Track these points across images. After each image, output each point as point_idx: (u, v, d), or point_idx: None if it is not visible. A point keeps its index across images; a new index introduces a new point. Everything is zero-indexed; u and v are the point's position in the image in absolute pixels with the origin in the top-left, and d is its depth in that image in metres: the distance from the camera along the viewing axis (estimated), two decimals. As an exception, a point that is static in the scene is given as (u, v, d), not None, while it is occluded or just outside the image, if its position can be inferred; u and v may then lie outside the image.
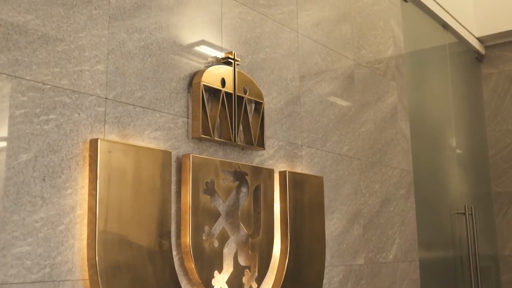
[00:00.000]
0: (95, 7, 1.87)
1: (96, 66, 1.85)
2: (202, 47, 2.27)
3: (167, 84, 2.09)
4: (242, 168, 2.26)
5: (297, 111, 2.76)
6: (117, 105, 1.89)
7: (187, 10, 2.23)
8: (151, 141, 1.99)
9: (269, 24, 2.67)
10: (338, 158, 3.02)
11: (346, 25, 3.29)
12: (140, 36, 2.02)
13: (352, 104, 3.23)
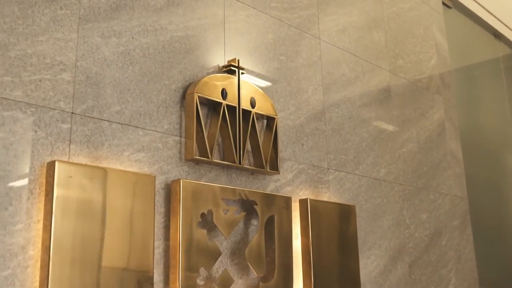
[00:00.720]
0: (61, 7, 1.60)
1: (61, 75, 1.56)
2: (199, 54, 1.97)
3: (153, 97, 1.78)
4: (250, 196, 1.91)
5: (322, 129, 2.41)
6: (87, 121, 1.60)
7: (181, 11, 1.94)
8: (131, 164, 1.67)
9: (284, 29, 2.35)
10: (374, 183, 2.63)
11: (379, 32, 2.94)
12: (119, 41, 1.73)
13: (390, 120, 2.85)
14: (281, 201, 2.03)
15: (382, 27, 2.99)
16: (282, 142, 2.21)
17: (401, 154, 2.87)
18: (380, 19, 2.99)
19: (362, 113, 2.67)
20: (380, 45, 2.93)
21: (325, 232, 2.19)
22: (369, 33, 2.87)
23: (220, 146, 1.94)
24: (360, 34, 2.81)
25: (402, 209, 2.78)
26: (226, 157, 1.93)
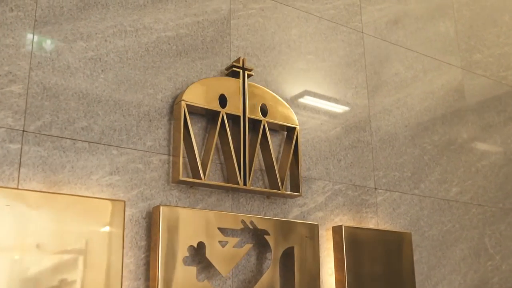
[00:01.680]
0: (11, 8, 1.46)
1: (9, 87, 1.41)
2: (196, 57, 1.77)
3: (133, 109, 1.59)
4: (259, 224, 1.65)
5: (366, 140, 2.10)
6: (43, 140, 1.43)
7: (171, 7, 1.75)
8: (102, 190, 1.48)
9: (313, 23, 2.09)
10: (441, 205, 2.27)
11: (447, 21, 2.58)
12: (87, 45, 1.56)
13: (464, 127, 2.47)
14: (304, 230, 1.75)
15: (451, 15, 2.63)
16: (311, 158, 1.93)
17: (480, 168, 2.48)
18: (448, 6, 2.63)
19: (423, 120, 2.32)
20: (448, 37, 2.57)
21: (368, 267, 1.87)
22: (432, 23, 2.53)
23: (222, 164, 1.70)
24: (420, 25, 2.47)
25: (483, 236, 2.38)
26: (229, 178, 1.68)
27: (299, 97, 1.97)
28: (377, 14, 2.33)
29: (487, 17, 2.81)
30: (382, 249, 1.93)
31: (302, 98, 1.97)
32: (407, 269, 1.98)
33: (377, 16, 2.33)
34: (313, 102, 2.00)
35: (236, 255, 1.61)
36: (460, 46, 2.61)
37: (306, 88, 2.00)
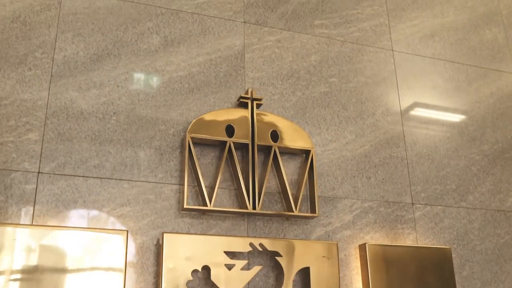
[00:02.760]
0: (29, 68, 1.55)
1: (26, 136, 1.49)
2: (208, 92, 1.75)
3: (144, 145, 1.59)
4: (270, 246, 1.56)
5: (400, 156, 1.91)
6: (57, 179, 1.47)
7: (183, 49, 1.76)
8: (113, 221, 1.49)
9: (335, 47, 1.98)
10: (496, 216, 1.99)
11: (493, 28, 2.32)
12: (100, 92, 1.60)
13: (520, 134, 2.17)
14: (321, 249, 1.61)
15: (499, 22, 2.36)
16: (335, 178, 1.80)
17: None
18: (494, 13, 2.36)
19: (469, 130, 2.08)
20: (496, 44, 2.30)
21: (399, 286, 1.67)
22: (476, 32, 2.28)
23: (232, 190, 1.64)
24: (460, 36, 2.24)
25: None
26: (240, 203, 1.61)
27: (320, 120, 1.84)
28: (408, 31, 2.15)
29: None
30: (415, 267, 1.72)
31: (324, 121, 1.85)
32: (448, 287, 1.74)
33: (408, 32, 2.15)
34: (336, 124, 1.87)
35: (244, 277, 1.52)
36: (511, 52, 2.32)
37: (330, 111, 1.88)
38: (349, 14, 2.07)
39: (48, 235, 1.37)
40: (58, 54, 1.60)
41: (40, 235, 1.36)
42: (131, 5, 1.74)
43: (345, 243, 1.74)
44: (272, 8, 1.95)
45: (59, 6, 1.65)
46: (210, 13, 1.84)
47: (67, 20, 1.64)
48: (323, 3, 2.04)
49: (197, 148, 1.64)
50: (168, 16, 1.78)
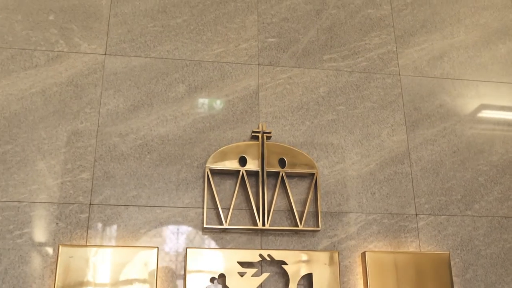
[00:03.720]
0: (81, 121, 2.03)
1: (80, 175, 1.96)
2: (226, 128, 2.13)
3: (173, 177, 2.02)
4: (277, 256, 1.92)
5: (404, 172, 2.19)
6: (104, 209, 1.93)
7: (204, 94, 2.16)
8: (149, 240, 1.92)
9: (343, 78, 2.29)
10: (503, 223, 2.20)
11: (507, 42, 2.50)
12: (136, 136, 2.05)
13: (533, 143, 2.35)
14: (322, 258, 1.94)
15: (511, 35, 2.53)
16: (342, 195, 2.11)
17: None
18: (509, 26, 2.54)
19: (477, 143, 2.29)
20: (509, 57, 2.48)
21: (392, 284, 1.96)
22: (487, 48, 2.48)
23: (246, 211, 2.01)
24: (471, 54, 2.46)
25: None
26: (252, 222, 1.98)
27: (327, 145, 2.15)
28: (416, 55, 2.40)
29: None
30: (414, 272, 1.99)
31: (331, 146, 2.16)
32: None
33: (416, 56, 2.40)
34: (342, 147, 2.18)
35: (254, 282, 1.88)
36: (528, 62, 2.49)
37: (337, 136, 2.19)
38: (357, 45, 2.36)
39: (99, 253, 1.82)
40: (103, 108, 2.05)
41: (93, 253, 1.81)
42: (161, 61, 2.17)
43: (349, 252, 2.04)
44: (283, 49, 2.29)
45: (102, 68, 2.11)
46: (228, 60, 2.22)
47: (109, 79, 2.10)
48: (332, 39, 2.35)
49: (216, 177, 2.02)
50: (192, 66, 2.18)
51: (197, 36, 2.23)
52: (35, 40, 2.13)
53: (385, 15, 2.44)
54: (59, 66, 2.10)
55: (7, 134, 1.97)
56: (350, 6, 2.43)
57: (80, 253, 1.81)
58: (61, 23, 2.16)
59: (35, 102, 2.03)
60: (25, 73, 2.07)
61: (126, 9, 2.23)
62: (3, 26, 2.12)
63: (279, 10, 2.35)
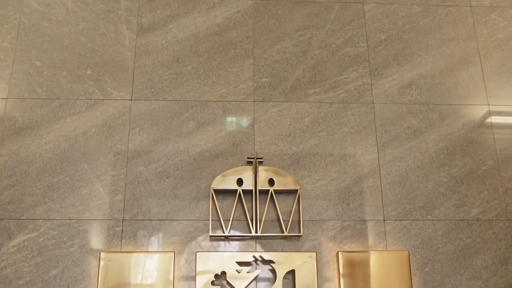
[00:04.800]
0: (114, 154, 2.68)
1: (115, 197, 2.62)
2: (228, 155, 2.71)
3: (186, 196, 2.64)
4: (267, 257, 2.52)
5: (375, 185, 2.74)
6: (134, 223, 2.58)
7: (210, 129, 2.76)
8: (168, 246, 2.56)
9: (324, 108, 2.85)
10: (459, 225, 2.72)
11: (470, 69, 3.00)
12: (157, 165, 2.69)
13: (489, 156, 2.85)
14: (303, 257, 2.53)
15: (476, 62, 3.02)
16: (321, 206, 2.69)
17: (510, 188, 2.81)
18: (472, 55, 3.03)
19: (439, 158, 2.80)
20: (471, 82, 2.97)
21: (363, 282, 2.52)
22: (452, 75, 2.98)
23: (243, 221, 2.62)
24: (437, 81, 2.96)
25: (510, 246, 2.71)
26: (248, 230, 2.59)
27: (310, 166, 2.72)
28: (388, 85, 2.93)
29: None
30: (378, 267, 2.55)
31: (313, 166, 2.72)
32: (403, 279, 2.54)
33: (388, 86, 2.93)
34: (323, 167, 2.74)
35: (249, 277, 2.49)
36: (488, 85, 2.97)
37: (319, 158, 2.76)
38: (337, 80, 2.91)
39: (130, 257, 2.46)
40: (130, 143, 2.69)
41: (125, 257, 2.46)
42: (175, 102, 2.78)
43: (327, 252, 2.61)
44: (275, 87, 2.87)
45: (129, 111, 2.74)
46: (229, 99, 2.82)
47: (135, 120, 2.74)
48: (315, 75, 2.91)
49: (219, 195, 2.63)
50: (200, 106, 2.79)
51: (203, 80, 2.84)
52: (77, 91, 2.78)
53: (362, 51, 2.97)
54: (95, 111, 2.75)
55: (58, 168, 2.64)
56: (331, 46, 2.97)
57: (116, 258, 2.46)
58: (96, 76, 2.81)
59: (78, 141, 2.69)
60: (70, 119, 2.73)
61: (147, 61, 2.86)
62: (51, 81, 2.79)
63: (271, 53, 2.93)
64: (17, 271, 2.48)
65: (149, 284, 2.43)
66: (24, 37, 2.86)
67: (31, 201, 2.58)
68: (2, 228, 2.53)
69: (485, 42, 3.06)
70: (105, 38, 2.87)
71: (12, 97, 2.74)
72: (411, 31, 3.04)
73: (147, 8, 2.95)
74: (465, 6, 3.12)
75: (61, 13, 2.92)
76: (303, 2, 3.03)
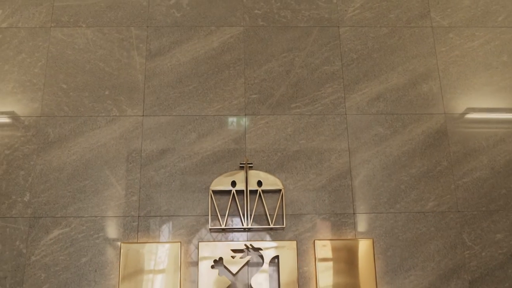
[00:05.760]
0: (130, 162, 3.31)
1: (132, 198, 3.25)
2: (224, 161, 3.32)
3: (189, 195, 3.27)
4: (256, 245, 3.15)
5: (346, 184, 3.35)
6: (147, 219, 3.22)
7: (209, 139, 3.37)
8: (175, 237, 3.20)
9: (304, 120, 3.45)
10: (417, 216, 3.32)
11: (430, 82, 3.57)
12: (165, 170, 3.31)
13: (444, 157, 3.43)
14: (286, 245, 3.16)
15: (435, 76, 3.59)
16: (302, 203, 3.30)
17: (461, 184, 3.39)
18: (432, 70, 3.60)
19: (401, 160, 3.39)
20: (430, 94, 3.54)
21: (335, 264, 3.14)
22: (414, 88, 3.55)
23: (237, 216, 3.24)
24: (401, 93, 3.54)
25: (461, 233, 3.31)
26: (241, 223, 3.22)
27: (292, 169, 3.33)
28: (359, 98, 3.52)
29: (474, 66, 3.64)
30: (347, 252, 3.17)
31: (295, 169, 3.33)
32: (368, 262, 3.16)
33: (359, 99, 3.52)
34: (303, 170, 3.36)
35: (242, 262, 3.12)
36: (445, 96, 3.56)
37: (300, 162, 3.37)
38: (315, 95, 3.50)
39: (145, 246, 3.10)
40: (143, 153, 3.32)
41: (141, 247, 3.09)
42: (179, 117, 3.40)
43: (306, 241, 3.23)
44: (263, 102, 3.47)
45: (141, 126, 3.36)
46: (224, 113, 3.42)
47: (146, 133, 3.35)
48: (297, 91, 3.50)
49: (217, 195, 3.25)
50: (200, 120, 3.40)
51: (202, 98, 3.45)
52: (97, 109, 3.40)
53: (337, 69, 3.56)
54: (113, 126, 3.37)
55: (84, 174, 3.27)
56: (311, 65, 3.56)
57: (133, 247, 3.10)
58: (113, 96, 3.43)
59: (100, 151, 3.32)
60: (93, 132, 3.35)
61: (155, 83, 3.46)
62: (76, 101, 3.41)
63: (260, 73, 3.52)
64: (54, 259, 3.12)
65: (160, 269, 3.07)
66: (52, 64, 3.48)
67: (63, 202, 3.21)
68: (41, 225, 3.17)
69: (443, 59, 3.62)
70: (120, 63, 3.48)
71: (44, 115, 3.37)
72: (380, 50, 3.61)
73: (154, 36, 3.55)
74: (426, 27, 3.68)
75: (82, 42, 3.52)
76: (287, 27, 3.61)
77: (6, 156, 3.28)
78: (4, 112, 3.36)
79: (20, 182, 3.24)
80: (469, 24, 3.71)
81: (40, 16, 3.56)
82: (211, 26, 3.58)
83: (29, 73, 3.45)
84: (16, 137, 3.32)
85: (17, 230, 3.15)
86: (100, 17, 3.57)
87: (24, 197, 3.21)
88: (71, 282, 3.08)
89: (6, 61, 3.47)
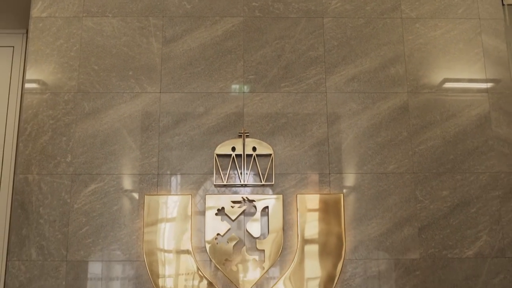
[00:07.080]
0: (150, 130, 4.21)
1: (152, 159, 4.17)
2: (226, 130, 4.20)
3: (198, 158, 4.19)
4: (251, 198, 4.08)
5: (325, 150, 4.25)
6: (164, 176, 4.15)
7: (214, 112, 4.26)
8: (186, 191, 4.13)
9: (291, 97, 4.32)
10: (380, 176, 4.23)
11: (397, 66, 4.42)
12: (179, 137, 4.22)
13: (404, 129, 4.31)
14: (274, 198, 4.09)
15: (402, 60, 4.43)
16: (288, 165, 4.21)
17: (417, 151, 4.29)
18: (399, 55, 4.43)
19: (370, 131, 4.27)
20: (397, 76, 4.39)
21: (313, 214, 4.09)
22: (383, 71, 4.39)
23: (236, 175, 4.17)
24: (372, 75, 4.39)
25: (414, 190, 4.23)
26: (239, 180, 4.15)
27: (282, 137, 4.23)
28: (338, 79, 4.37)
29: (435, 53, 4.47)
30: (322, 206, 4.11)
31: (283, 137, 4.23)
32: (337, 211, 4.10)
33: (337, 80, 4.37)
34: (290, 138, 4.25)
35: (239, 211, 4.07)
36: (408, 77, 4.41)
37: (287, 132, 4.25)
38: (301, 76, 4.36)
39: (163, 198, 4.03)
40: (161, 122, 4.21)
41: (161, 198, 4.03)
42: (190, 94, 4.27)
43: (291, 195, 4.16)
44: (258, 82, 4.33)
45: (159, 101, 4.24)
46: (226, 91, 4.29)
47: (163, 107, 4.23)
48: (286, 73, 4.35)
49: (220, 158, 4.16)
50: (206, 96, 4.27)
51: (209, 78, 4.31)
52: (123, 87, 4.27)
53: (320, 55, 4.39)
54: (136, 101, 4.25)
55: (113, 139, 4.18)
56: (298, 51, 4.39)
57: (154, 199, 4.04)
58: (136, 75, 4.29)
59: (126, 122, 4.21)
60: (119, 106, 4.24)
61: (170, 65, 4.32)
62: (105, 80, 4.28)
63: (256, 57, 4.36)
64: (92, 207, 4.07)
65: (174, 217, 4.02)
66: (85, 48, 4.33)
67: (98, 162, 4.13)
68: (80, 180, 4.10)
69: (409, 46, 4.45)
70: (140, 48, 4.33)
71: (80, 92, 4.24)
72: (356, 38, 4.43)
73: (169, 25, 4.37)
74: (397, 18, 4.49)
75: (109, 30, 4.36)
76: (279, 18, 4.42)
77: (51, 125, 4.17)
78: (48, 89, 4.23)
79: (63, 146, 4.14)
80: (433, 16, 4.51)
81: (73, 7, 4.38)
82: (216, 16, 4.39)
83: (66, 56, 4.30)
84: (58, 109, 4.20)
85: (62, 184, 4.08)
86: (123, 8, 4.39)
87: (66, 158, 4.12)
88: (106, 225, 4.03)
89: (47, 46, 4.31)
